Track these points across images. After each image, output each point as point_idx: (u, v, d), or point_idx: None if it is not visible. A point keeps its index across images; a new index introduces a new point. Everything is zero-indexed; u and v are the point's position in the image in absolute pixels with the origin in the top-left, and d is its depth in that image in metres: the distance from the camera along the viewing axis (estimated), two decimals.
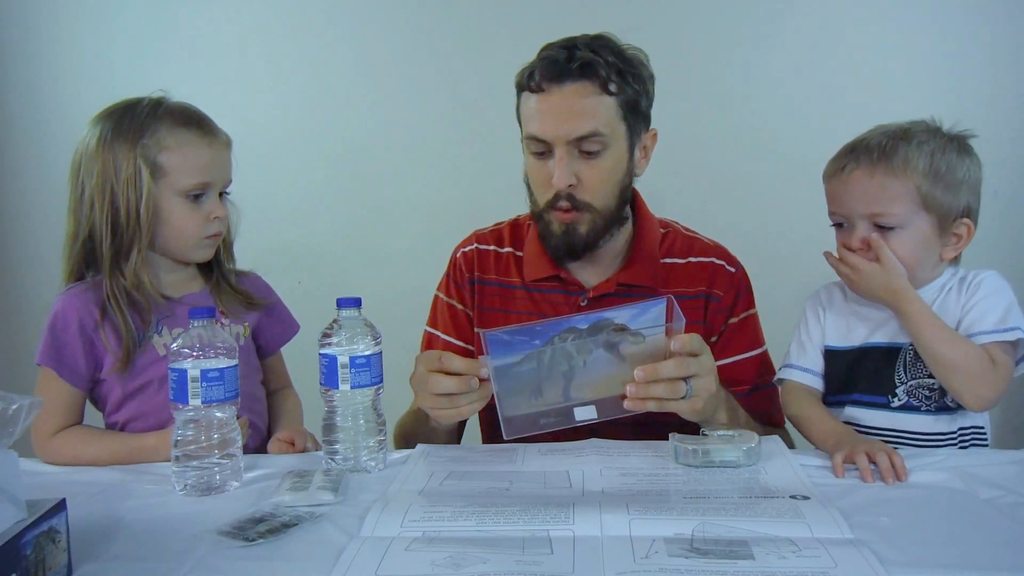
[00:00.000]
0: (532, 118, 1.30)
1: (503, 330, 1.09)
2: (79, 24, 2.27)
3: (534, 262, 1.43)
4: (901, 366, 1.21)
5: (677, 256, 1.44)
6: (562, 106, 1.27)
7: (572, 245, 1.34)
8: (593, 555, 0.82)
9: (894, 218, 1.17)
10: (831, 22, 2.16)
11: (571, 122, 1.27)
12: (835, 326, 1.28)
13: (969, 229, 1.20)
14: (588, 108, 1.27)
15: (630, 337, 1.07)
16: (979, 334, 1.16)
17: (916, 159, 1.16)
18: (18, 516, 0.75)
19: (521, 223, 1.51)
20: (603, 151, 1.29)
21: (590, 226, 1.33)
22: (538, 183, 1.34)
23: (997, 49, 2.12)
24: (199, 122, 1.29)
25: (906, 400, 1.21)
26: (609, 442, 1.20)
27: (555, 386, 1.08)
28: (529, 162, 1.35)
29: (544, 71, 1.27)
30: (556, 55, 1.28)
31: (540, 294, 1.43)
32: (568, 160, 1.28)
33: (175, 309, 1.29)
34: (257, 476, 1.11)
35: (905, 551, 0.83)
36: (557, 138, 1.27)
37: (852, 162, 1.19)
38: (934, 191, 1.16)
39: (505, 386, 1.08)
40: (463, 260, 1.49)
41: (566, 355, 1.07)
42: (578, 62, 1.26)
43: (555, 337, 1.07)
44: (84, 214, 1.25)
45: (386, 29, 2.24)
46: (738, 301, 1.42)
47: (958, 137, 1.21)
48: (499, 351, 1.07)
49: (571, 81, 1.27)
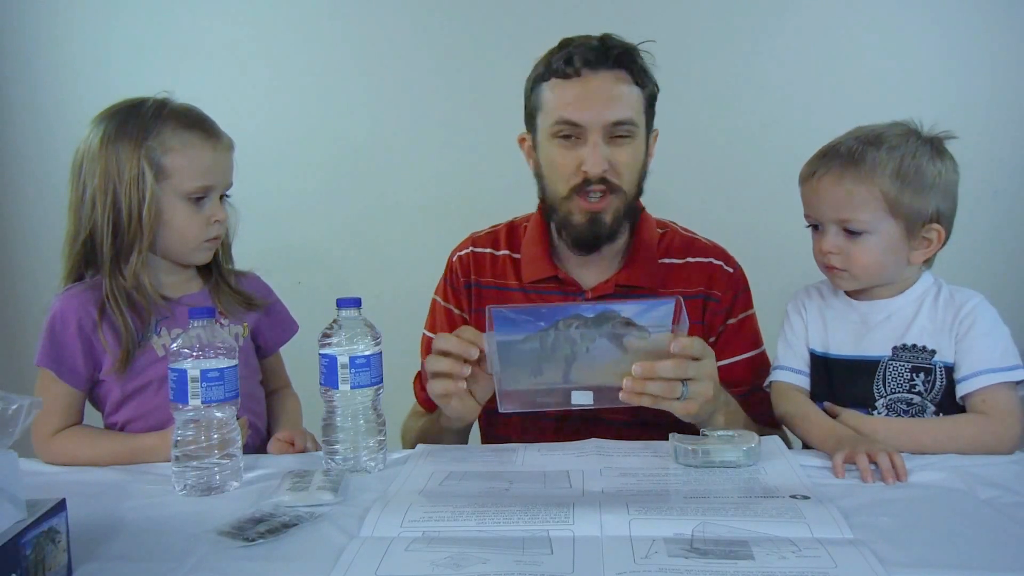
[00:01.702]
0: (565, 104, 1.31)
1: (509, 308, 1.10)
2: (79, 24, 2.27)
3: (532, 263, 1.43)
4: (880, 380, 1.21)
5: (675, 256, 1.44)
6: (600, 91, 1.29)
7: (596, 234, 1.35)
8: (593, 555, 0.82)
9: (861, 223, 1.18)
10: (830, 22, 2.16)
11: (609, 106, 1.29)
12: (817, 327, 1.28)
13: (939, 234, 1.20)
14: (623, 95, 1.30)
15: (635, 332, 1.07)
16: (982, 375, 1.15)
17: (884, 164, 1.16)
18: (18, 516, 0.75)
19: (517, 225, 1.51)
20: (631, 139, 1.32)
21: (614, 214, 1.34)
22: (564, 169, 1.33)
23: (998, 49, 2.12)
24: (203, 125, 1.28)
25: (886, 414, 1.20)
26: (609, 442, 1.20)
27: (556, 367, 1.08)
28: (551, 150, 1.34)
29: (582, 57, 1.29)
30: (591, 43, 1.30)
31: (538, 295, 1.43)
32: (602, 146, 1.30)
33: (174, 310, 1.29)
34: (257, 476, 1.11)
35: (905, 551, 0.83)
36: (593, 122, 1.29)
37: (822, 167, 1.21)
38: (901, 196, 1.16)
39: (506, 360, 1.08)
40: (459, 264, 1.49)
41: (569, 340, 1.07)
42: (616, 50, 1.30)
43: (560, 322, 1.08)
44: (85, 213, 1.25)
45: (386, 30, 2.24)
46: (736, 302, 1.42)
47: (934, 139, 1.21)
48: (504, 327, 1.08)
49: (607, 68, 1.30)
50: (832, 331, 1.26)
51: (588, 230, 1.34)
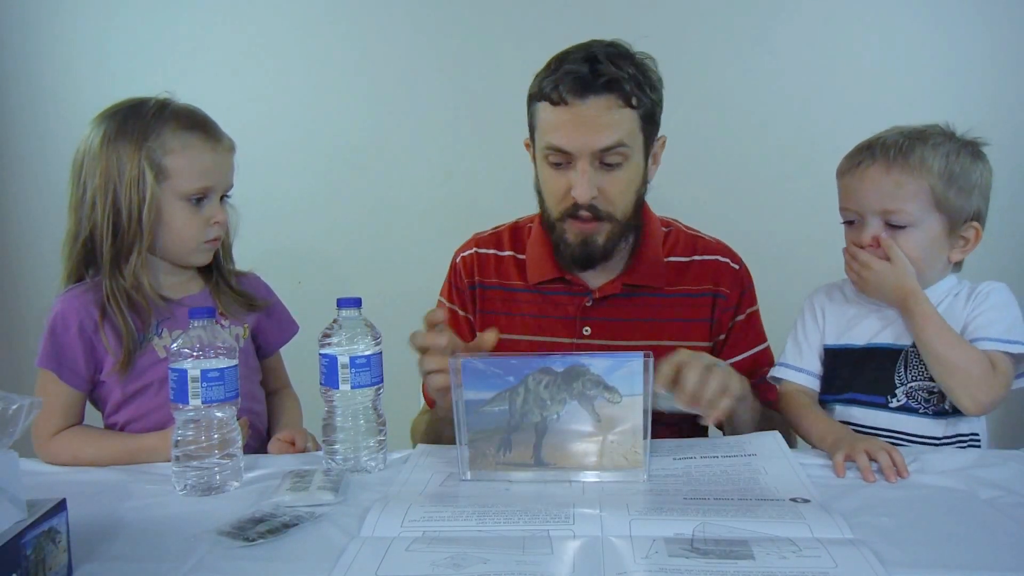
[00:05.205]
0: (554, 129, 1.28)
1: (479, 358, 1.06)
2: (79, 24, 2.27)
3: (538, 264, 1.43)
4: (902, 367, 1.21)
5: (681, 255, 1.44)
6: (587, 119, 1.26)
7: (589, 255, 1.34)
8: (593, 555, 0.82)
9: (907, 216, 1.18)
10: (832, 22, 2.15)
11: (596, 134, 1.26)
12: (835, 325, 1.28)
13: (977, 232, 1.21)
14: (613, 121, 1.26)
15: (606, 394, 1.04)
16: (983, 340, 1.16)
17: (932, 159, 1.17)
18: (18, 516, 0.75)
19: (521, 226, 1.51)
20: (624, 163, 1.29)
21: (608, 236, 1.33)
22: (555, 193, 1.32)
23: (998, 49, 2.12)
24: (204, 126, 1.28)
25: (905, 401, 1.21)
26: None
27: (526, 442, 1.06)
28: (545, 172, 1.33)
29: (569, 85, 1.25)
30: (579, 69, 1.25)
31: (544, 296, 1.43)
32: (591, 172, 1.27)
33: (175, 311, 1.29)
34: (257, 476, 1.11)
35: (905, 551, 0.83)
36: (580, 150, 1.26)
37: (868, 158, 1.20)
38: (947, 193, 1.17)
39: (475, 424, 1.06)
40: (463, 265, 1.49)
41: (539, 402, 1.05)
42: (604, 77, 1.25)
43: (529, 377, 1.05)
44: (85, 213, 1.25)
45: (386, 31, 2.24)
46: (743, 298, 1.43)
47: (971, 143, 1.22)
48: (471, 382, 1.05)
49: (595, 96, 1.25)
50: (852, 327, 1.27)
51: (581, 251, 1.33)
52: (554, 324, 1.41)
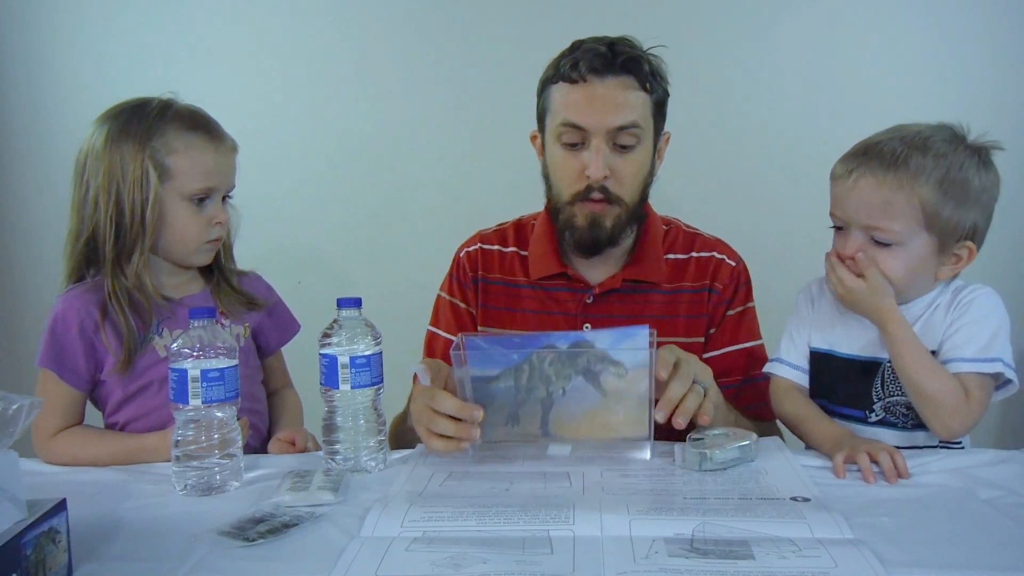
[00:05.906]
0: (571, 106, 1.31)
1: (481, 337, 1.08)
2: (79, 24, 2.27)
3: (540, 260, 1.44)
4: (879, 382, 1.18)
5: (680, 252, 1.46)
6: (605, 97, 1.29)
7: (596, 239, 1.35)
8: (593, 555, 0.82)
9: (892, 235, 1.11)
10: (833, 22, 2.15)
11: (613, 112, 1.29)
12: (819, 326, 1.25)
13: (971, 252, 1.14)
14: (629, 101, 1.30)
15: (611, 368, 1.04)
16: (959, 361, 1.11)
17: (930, 172, 1.09)
18: (18, 516, 0.75)
19: (525, 223, 1.52)
20: (636, 145, 1.32)
21: (615, 221, 1.34)
22: (567, 174, 1.34)
23: (998, 49, 2.12)
24: (207, 126, 1.29)
25: (883, 416, 1.18)
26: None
27: (533, 415, 1.06)
28: (557, 153, 1.35)
29: (588, 63, 1.29)
30: (598, 48, 1.30)
31: (546, 292, 1.44)
32: (605, 151, 1.30)
33: (175, 311, 1.29)
34: (257, 476, 1.11)
35: (906, 551, 0.83)
36: (596, 127, 1.29)
37: (861, 167, 1.12)
38: (942, 209, 1.10)
39: (481, 400, 1.06)
40: (467, 259, 1.50)
41: (544, 378, 1.05)
42: (623, 56, 1.29)
43: (533, 354, 1.05)
44: (88, 213, 1.25)
45: (386, 29, 2.23)
46: (737, 293, 1.44)
47: (981, 149, 1.14)
48: (477, 360, 1.06)
49: (613, 75, 1.30)
50: (840, 327, 1.22)
51: (588, 234, 1.35)
52: (555, 320, 1.43)
